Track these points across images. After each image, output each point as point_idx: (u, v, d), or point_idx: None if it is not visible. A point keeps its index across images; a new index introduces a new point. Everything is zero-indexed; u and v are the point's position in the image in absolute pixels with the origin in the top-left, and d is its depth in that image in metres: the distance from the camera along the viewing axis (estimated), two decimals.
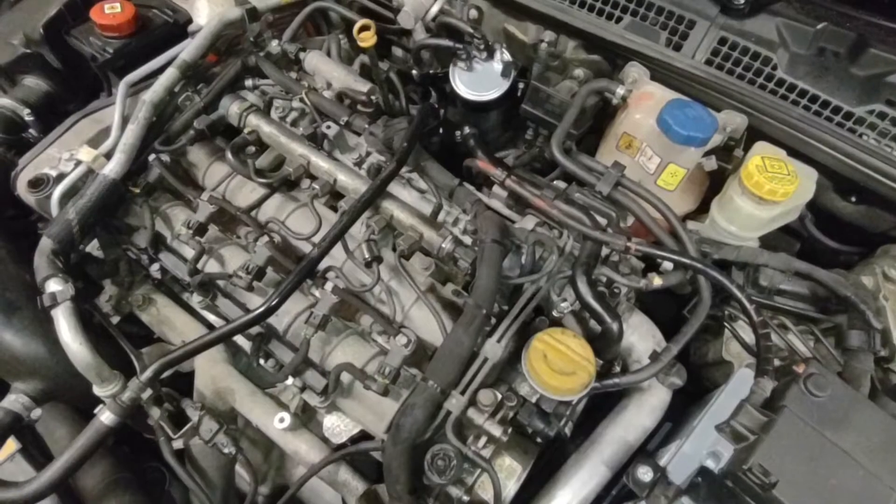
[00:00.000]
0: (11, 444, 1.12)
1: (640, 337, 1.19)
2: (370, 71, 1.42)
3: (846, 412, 0.90)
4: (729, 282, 1.07)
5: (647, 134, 1.26)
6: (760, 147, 1.24)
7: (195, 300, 1.22)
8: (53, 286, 1.06)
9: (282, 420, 1.12)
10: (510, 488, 1.01)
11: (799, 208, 1.22)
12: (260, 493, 1.34)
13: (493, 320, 1.09)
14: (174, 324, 1.27)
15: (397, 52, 1.83)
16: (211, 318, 1.28)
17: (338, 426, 1.17)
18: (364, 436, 1.16)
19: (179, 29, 1.53)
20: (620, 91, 1.30)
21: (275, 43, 1.49)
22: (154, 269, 1.27)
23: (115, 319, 1.27)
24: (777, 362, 1.12)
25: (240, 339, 1.25)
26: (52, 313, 1.04)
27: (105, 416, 1.01)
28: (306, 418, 1.21)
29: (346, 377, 1.10)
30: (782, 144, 1.25)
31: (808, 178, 1.21)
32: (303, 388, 1.13)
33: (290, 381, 1.15)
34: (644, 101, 1.27)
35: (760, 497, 0.85)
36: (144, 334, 1.33)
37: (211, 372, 1.21)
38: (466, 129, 1.41)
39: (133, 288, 1.29)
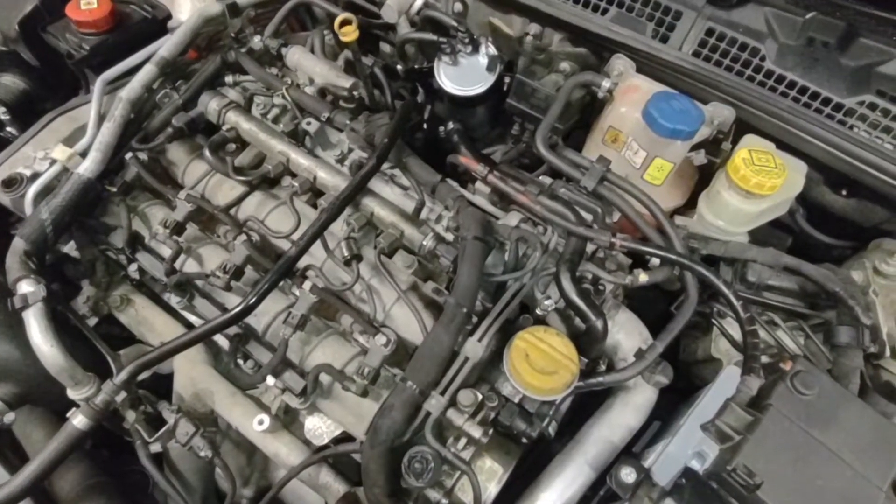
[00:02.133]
0: None
1: (627, 334, 1.16)
2: (355, 67, 1.40)
3: (834, 410, 0.88)
4: (716, 277, 1.05)
5: (632, 128, 1.24)
6: (749, 140, 1.22)
7: (174, 300, 1.20)
8: (25, 287, 1.04)
9: (261, 422, 1.10)
10: (491, 490, 0.99)
11: (788, 202, 1.19)
12: (244, 495, 1.31)
13: (475, 319, 1.07)
14: (153, 325, 1.25)
15: (385, 48, 1.80)
16: (192, 318, 1.26)
17: (319, 428, 1.15)
18: (347, 437, 1.14)
19: (158, 25, 1.50)
20: (606, 84, 1.28)
21: (256, 39, 1.47)
22: (132, 270, 1.25)
23: (94, 321, 1.25)
24: (765, 359, 1.10)
25: (221, 341, 1.23)
26: (24, 315, 1.02)
27: (77, 420, 0.99)
28: (289, 420, 1.19)
29: (325, 378, 1.08)
30: (771, 137, 1.23)
31: (798, 172, 1.19)
32: (284, 390, 1.11)
33: (271, 381, 1.13)
34: (630, 94, 1.25)
35: (745, 498, 0.82)
36: (126, 336, 1.31)
37: (190, 373, 1.19)
38: (451, 125, 1.38)
39: (111, 288, 1.27)
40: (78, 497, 1.07)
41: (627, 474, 0.91)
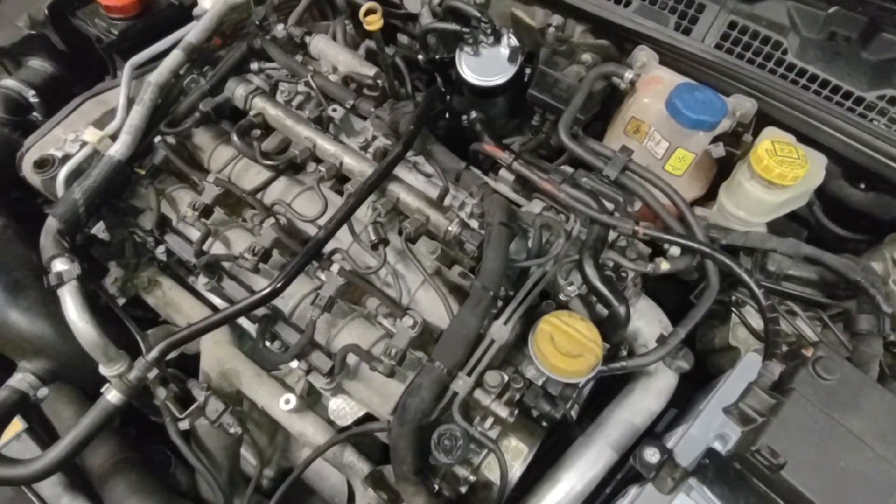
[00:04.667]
0: (18, 424, 1.12)
1: (647, 322, 1.18)
2: (376, 57, 1.41)
3: (855, 396, 0.90)
4: (737, 266, 1.07)
5: (655, 118, 1.25)
6: (769, 132, 1.23)
7: (201, 282, 1.22)
8: (59, 265, 1.06)
9: (287, 401, 1.12)
10: (516, 469, 1.01)
11: (808, 194, 1.21)
12: (265, 476, 1.34)
13: (500, 303, 1.08)
14: (180, 306, 1.27)
15: (403, 39, 1.81)
16: (217, 301, 1.28)
17: (343, 408, 1.17)
18: (369, 418, 1.16)
19: (185, 11, 1.52)
20: (629, 75, 1.29)
21: (280, 27, 1.48)
22: (159, 252, 1.27)
23: (121, 302, 1.27)
24: (785, 348, 1.11)
25: (245, 323, 1.25)
26: (59, 292, 1.04)
27: (111, 395, 1.01)
28: (311, 401, 1.21)
29: (351, 359, 1.09)
30: (791, 130, 1.25)
31: (818, 164, 1.21)
32: (308, 371, 1.13)
33: (295, 364, 1.15)
34: (653, 86, 1.26)
35: (768, 479, 0.84)
36: (151, 318, 1.33)
37: (216, 354, 1.21)
38: (473, 114, 1.40)
39: (139, 270, 1.29)
40: (108, 471, 1.09)
41: (651, 454, 0.93)
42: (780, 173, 1.10)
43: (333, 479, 1.25)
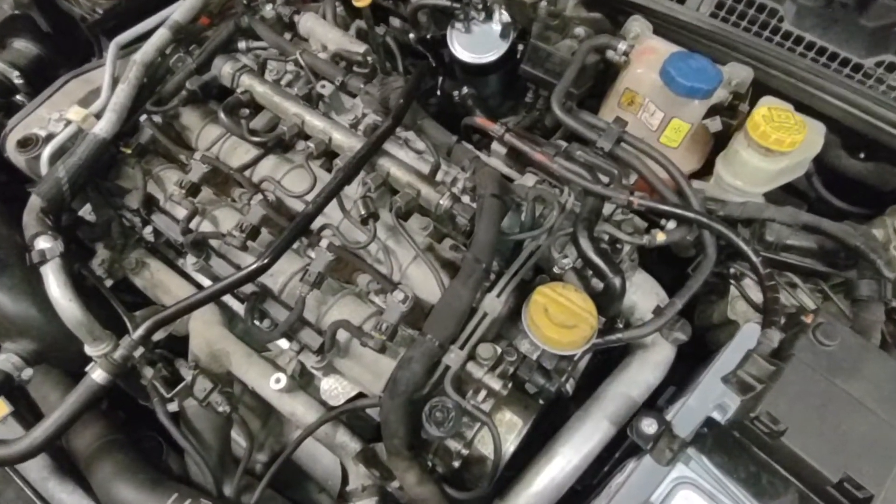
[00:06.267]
0: (3, 406, 1.10)
1: (644, 295, 1.16)
2: (366, 37, 1.39)
3: (856, 361, 0.87)
4: (735, 235, 1.05)
5: (649, 89, 1.23)
6: (767, 101, 1.21)
7: (189, 262, 1.20)
8: (42, 243, 1.04)
9: (277, 380, 1.10)
10: (510, 443, 0.98)
11: (806, 163, 1.18)
12: (259, 461, 1.32)
13: (493, 276, 1.06)
14: (168, 287, 1.25)
15: (395, 22, 1.79)
16: (205, 282, 1.26)
17: (335, 388, 1.15)
18: (363, 399, 1.14)
19: None
20: (622, 46, 1.26)
21: (269, 7, 1.46)
22: (147, 232, 1.25)
23: (108, 283, 1.25)
24: (783, 319, 1.09)
25: (236, 305, 1.22)
26: (42, 270, 1.02)
27: (97, 374, 0.99)
28: (304, 383, 1.19)
29: (342, 335, 1.07)
30: (789, 98, 1.22)
31: (816, 132, 1.18)
32: (299, 351, 1.11)
33: (286, 344, 1.13)
34: (646, 56, 1.24)
35: (769, 446, 0.82)
36: (140, 302, 1.31)
37: (206, 335, 1.19)
38: (465, 89, 1.37)
39: (126, 251, 1.27)
40: (95, 453, 1.07)
41: (648, 425, 0.91)
42: (778, 139, 1.08)
43: (326, 461, 1.22)
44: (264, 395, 1.13)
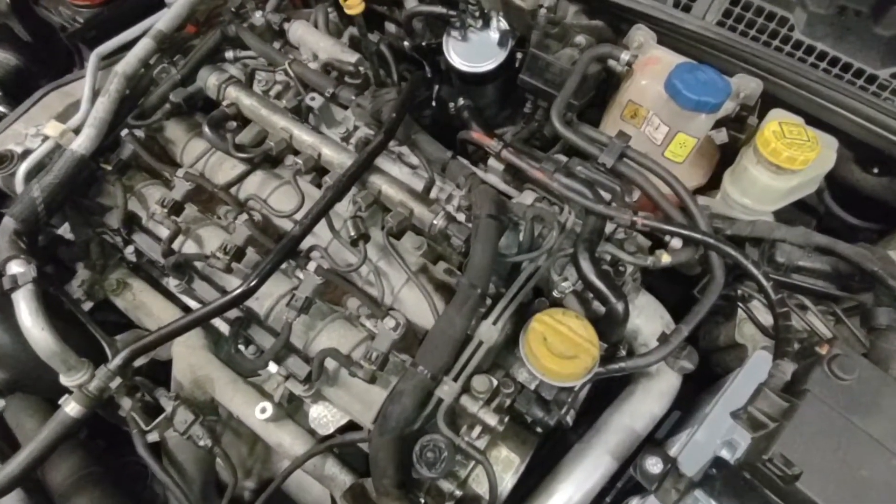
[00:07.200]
0: None
1: (647, 319, 1.11)
2: (360, 45, 1.34)
3: (875, 396, 0.82)
4: (743, 257, 0.99)
5: (654, 101, 1.18)
6: (776, 114, 1.15)
7: (172, 284, 1.15)
8: (15, 268, 0.98)
9: (263, 410, 1.05)
10: (507, 481, 0.93)
11: (818, 179, 1.13)
12: (246, 487, 1.26)
13: (489, 301, 1.01)
14: (151, 309, 1.20)
15: (390, 28, 1.74)
16: (192, 303, 1.21)
17: (324, 416, 1.10)
18: (353, 427, 1.08)
19: None
20: (625, 56, 1.21)
21: (258, 14, 1.41)
22: (128, 252, 1.20)
23: (89, 305, 1.20)
24: (796, 346, 1.04)
25: (222, 327, 1.17)
26: (13, 297, 0.96)
27: (70, 408, 0.94)
28: (293, 409, 1.13)
29: (331, 364, 1.02)
30: (800, 111, 1.17)
31: (829, 147, 1.13)
32: (288, 377, 1.06)
33: (274, 369, 1.08)
34: (650, 67, 1.19)
35: (782, 490, 0.77)
36: (124, 322, 1.26)
37: (189, 360, 1.13)
38: (461, 101, 1.32)
39: (107, 272, 1.22)
40: (70, 488, 1.02)
41: (653, 464, 0.86)
42: (789, 157, 1.02)
43: (316, 492, 1.17)
44: (250, 425, 1.08)
